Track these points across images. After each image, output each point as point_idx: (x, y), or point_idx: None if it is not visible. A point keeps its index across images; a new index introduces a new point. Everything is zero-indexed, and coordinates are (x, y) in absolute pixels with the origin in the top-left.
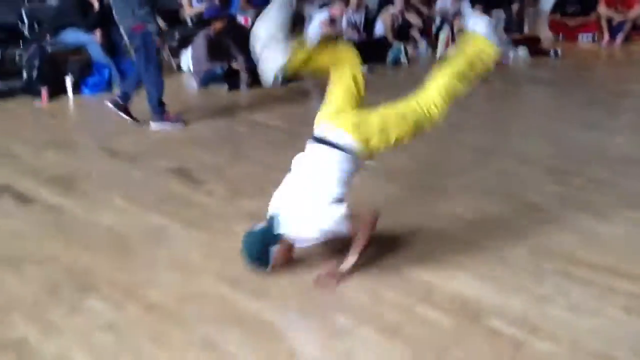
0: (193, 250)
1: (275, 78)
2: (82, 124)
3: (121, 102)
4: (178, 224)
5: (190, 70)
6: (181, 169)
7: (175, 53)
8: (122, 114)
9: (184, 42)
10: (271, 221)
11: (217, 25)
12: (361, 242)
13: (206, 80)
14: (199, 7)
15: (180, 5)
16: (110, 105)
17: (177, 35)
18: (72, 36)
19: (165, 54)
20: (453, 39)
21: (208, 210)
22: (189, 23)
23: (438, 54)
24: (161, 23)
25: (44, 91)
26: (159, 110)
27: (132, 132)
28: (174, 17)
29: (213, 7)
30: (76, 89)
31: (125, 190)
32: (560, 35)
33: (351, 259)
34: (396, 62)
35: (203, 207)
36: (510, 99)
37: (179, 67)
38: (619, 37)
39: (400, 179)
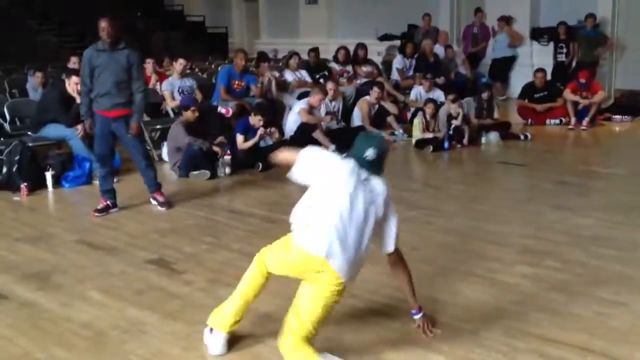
0: (172, 344)
1: None
2: (60, 218)
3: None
4: (156, 316)
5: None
6: (160, 259)
7: (157, 144)
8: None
9: (166, 134)
10: None
11: (188, 114)
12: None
13: (186, 169)
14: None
15: (163, 98)
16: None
17: (159, 127)
18: (53, 130)
19: (148, 145)
20: (427, 125)
21: (187, 302)
22: (171, 115)
23: (413, 139)
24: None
25: (24, 186)
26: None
27: (112, 225)
28: (156, 110)
29: (187, 98)
30: (56, 182)
31: (103, 283)
32: (529, 119)
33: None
34: None
35: (182, 299)
36: (482, 181)
37: (160, 158)
38: (585, 121)
39: (375, 261)
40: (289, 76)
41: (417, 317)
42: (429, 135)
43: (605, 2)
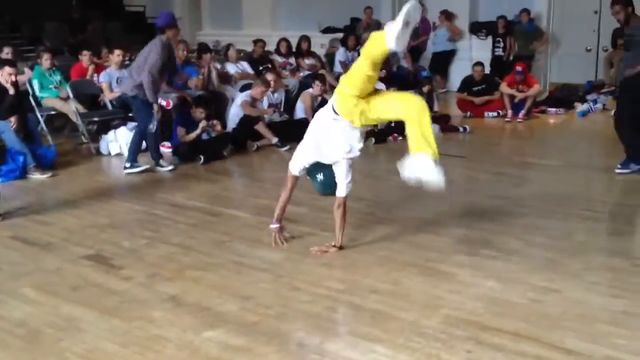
0: (109, 341)
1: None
2: None
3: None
4: (93, 313)
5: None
6: (98, 255)
7: (95, 137)
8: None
9: (104, 126)
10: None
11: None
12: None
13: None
14: (118, 92)
15: (101, 90)
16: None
17: (96, 119)
18: None
19: (85, 137)
20: None
21: (126, 297)
22: (109, 107)
23: None
24: (80, 107)
25: None
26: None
27: (48, 220)
28: (93, 101)
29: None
30: None
31: (38, 280)
32: (468, 112)
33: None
34: None
35: (120, 294)
36: None
37: (97, 151)
38: (521, 113)
39: (317, 255)
40: (230, 68)
41: (272, 226)
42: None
43: None
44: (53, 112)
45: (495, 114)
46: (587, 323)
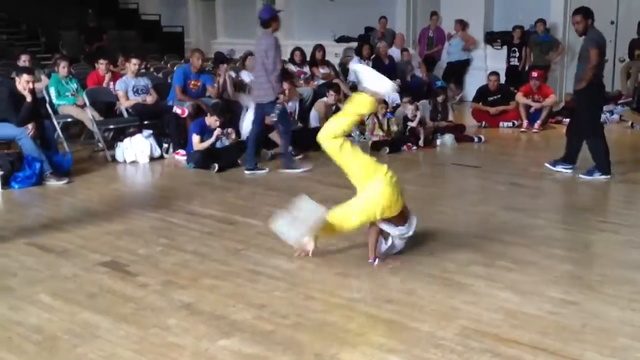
0: (125, 348)
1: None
2: (10, 219)
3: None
4: (109, 320)
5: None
6: (113, 262)
7: (111, 144)
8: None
9: (120, 134)
10: None
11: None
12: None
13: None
14: (134, 99)
15: (117, 98)
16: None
17: (112, 126)
18: (2, 130)
19: (101, 145)
20: (380, 125)
21: (141, 304)
22: (125, 115)
23: (366, 139)
24: (96, 115)
25: None
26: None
27: (64, 227)
28: (110, 109)
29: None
30: (6, 183)
31: (54, 287)
32: (483, 122)
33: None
34: None
35: (136, 301)
36: (437, 182)
37: (113, 159)
38: (537, 124)
39: (331, 264)
40: (245, 77)
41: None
42: (380, 133)
43: (557, 7)
44: (69, 120)
45: (510, 124)
46: (607, 337)
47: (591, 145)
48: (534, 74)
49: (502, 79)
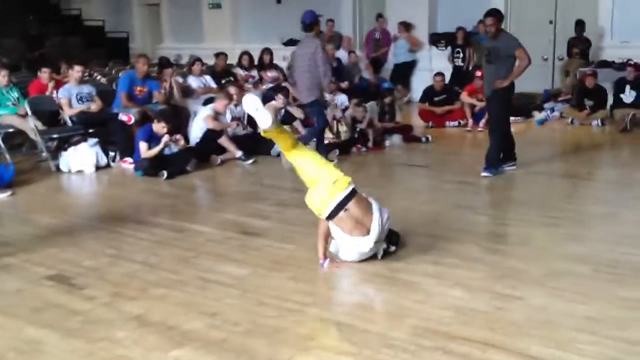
0: None
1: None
2: None
3: None
4: (56, 335)
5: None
6: (59, 275)
7: (55, 155)
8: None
9: (64, 143)
10: None
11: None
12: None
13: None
14: (78, 108)
15: (60, 106)
16: None
17: (56, 135)
18: None
19: (45, 155)
20: (329, 128)
21: (89, 318)
22: (69, 123)
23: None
24: (39, 124)
25: None
26: None
27: (7, 240)
28: (53, 118)
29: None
30: None
31: None
32: (430, 122)
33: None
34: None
35: (83, 315)
36: (387, 182)
37: (58, 169)
38: (482, 123)
39: (283, 268)
40: (193, 82)
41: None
42: (330, 136)
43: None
44: (11, 130)
45: (456, 123)
46: (551, 329)
47: (495, 141)
48: (478, 73)
49: (448, 80)
